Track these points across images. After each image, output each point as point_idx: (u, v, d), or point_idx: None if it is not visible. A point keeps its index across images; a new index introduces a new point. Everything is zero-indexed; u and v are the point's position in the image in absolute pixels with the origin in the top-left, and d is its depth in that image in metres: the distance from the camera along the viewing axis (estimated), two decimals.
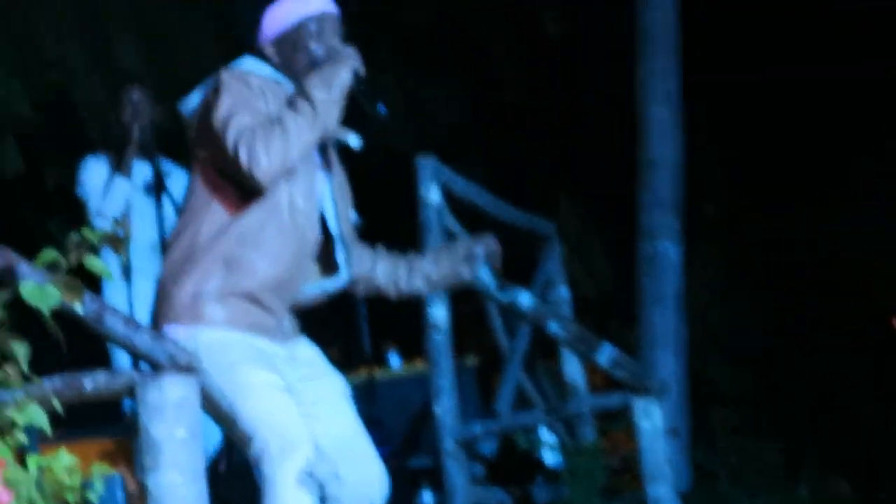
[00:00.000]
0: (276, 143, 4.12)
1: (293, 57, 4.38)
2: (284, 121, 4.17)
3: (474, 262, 4.46)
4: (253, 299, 4.18)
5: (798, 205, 9.64)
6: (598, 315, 6.71)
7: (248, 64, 4.37)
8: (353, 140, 4.35)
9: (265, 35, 4.43)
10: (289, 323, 4.32)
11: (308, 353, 4.33)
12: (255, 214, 4.19)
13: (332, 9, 4.42)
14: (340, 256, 4.37)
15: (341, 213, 4.41)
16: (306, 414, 4.08)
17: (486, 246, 4.44)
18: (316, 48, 4.35)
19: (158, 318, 4.21)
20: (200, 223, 4.22)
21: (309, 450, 3.98)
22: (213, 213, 4.22)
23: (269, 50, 4.40)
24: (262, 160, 4.07)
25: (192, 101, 4.40)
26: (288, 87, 4.32)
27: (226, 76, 4.25)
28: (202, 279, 4.14)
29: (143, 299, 6.26)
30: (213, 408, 4.12)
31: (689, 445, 7.17)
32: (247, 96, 4.23)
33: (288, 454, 3.99)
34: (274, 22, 4.43)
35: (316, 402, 4.18)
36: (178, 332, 4.10)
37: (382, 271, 4.50)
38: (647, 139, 7.87)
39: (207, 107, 4.25)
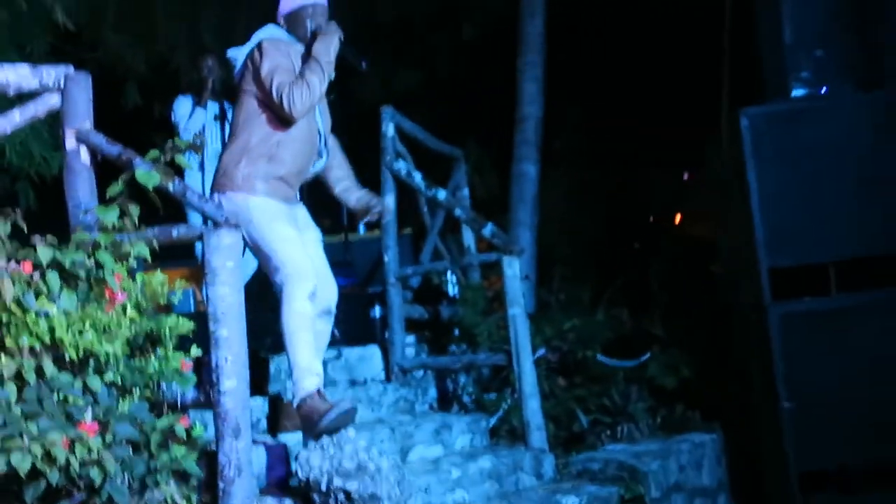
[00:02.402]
0: (304, 93, 4.25)
1: (297, 28, 4.44)
2: (307, 77, 4.29)
3: (369, 207, 4.67)
4: (283, 180, 4.34)
5: (611, 145, 9.68)
6: (485, 208, 6.70)
7: (274, 32, 4.46)
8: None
9: (280, 11, 4.52)
10: (297, 195, 4.48)
11: (304, 213, 4.51)
12: (287, 130, 4.30)
13: (323, 1, 4.50)
14: (323, 151, 4.52)
15: (327, 129, 4.58)
16: None
17: (372, 204, 4.66)
18: (310, 24, 4.42)
19: (220, 187, 4.30)
20: (252, 132, 4.30)
21: (314, 280, 4.12)
22: (260, 126, 4.30)
23: (282, 22, 4.48)
24: (297, 105, 4.23)
25: (240, 56, 4.45)
26: (298, 47, 4.40)
27: (266, 43, 4.35)
28: (253, 166, 4.26)
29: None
30: (256, 247, 4.23)
31: (536, 286, 7.24)
32: (280, 58, 4.33)
33: (303, 280, 4.11)
34: (287, 4, 4.50)
35: (306, 242, 4.30)
36: (234, 197, 4.22)
37: (337, 177, 4.66)
38: (521, 104, 7.85)
39: (255, 62, 4.35)
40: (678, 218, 10.17)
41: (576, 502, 4.64)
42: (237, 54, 4.47)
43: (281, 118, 4.29)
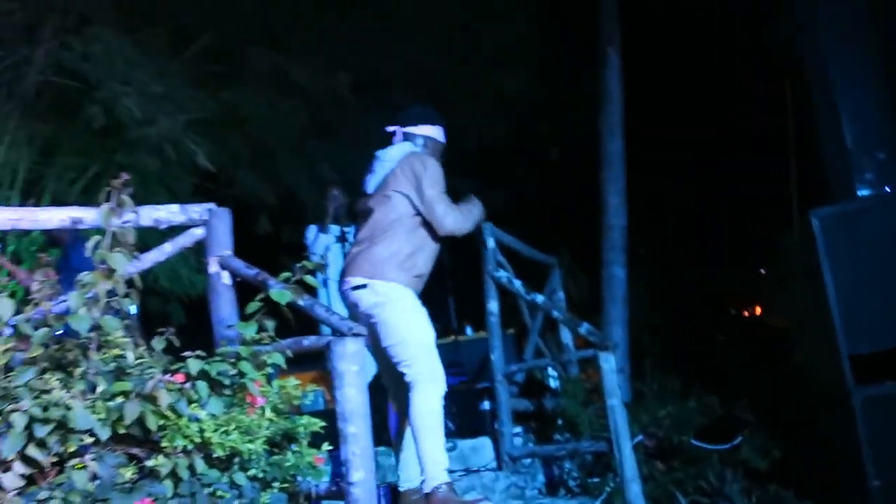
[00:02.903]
0: (462, 222, 4.34)
1: (433, 154, 4.46)
2: (466, 211, 4.37)
3: None
4: (420, 278, 4.34)
5: (688, 250, 9.59)
6: (579, 308, 6.66)
7: (414, 148, 4.48)
8: None
9: (425, 133, 4.55)
10: None
11: None
12: (428, 238, 4.36)
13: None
14: None
15: None
16: None
17: None
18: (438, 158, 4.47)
19: (368, 274, 4.29)
20: (402, 231, 4.32)
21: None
22: (410, 227, 4.33)
23: (426, 142, 4.53)
24: (452, 227, 4.31)
25: (388, 159, 4.47)
26: None
27: (430, 161, 4.38)
28: (403, 261, 4.26)
29: (335, 297, 6.36)
30: (398, 332, 4.22)
31: (630, 377, 7.10)
32: (441, 178, 4.36)
33: (441, 384, 4.16)
34: (432, 131, 4.52)
35: None
36: (386, 284, 4.26)
37: None
38: (606, 215, 7.83)
39: (416, 172, 4.34)
40: (758, 310, 9.95)
41: None
42: (386, 157, 4.47)
43: (425, 223, 4.34)
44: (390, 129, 4.54)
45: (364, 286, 4.26)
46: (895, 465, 5.37)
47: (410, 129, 4.52)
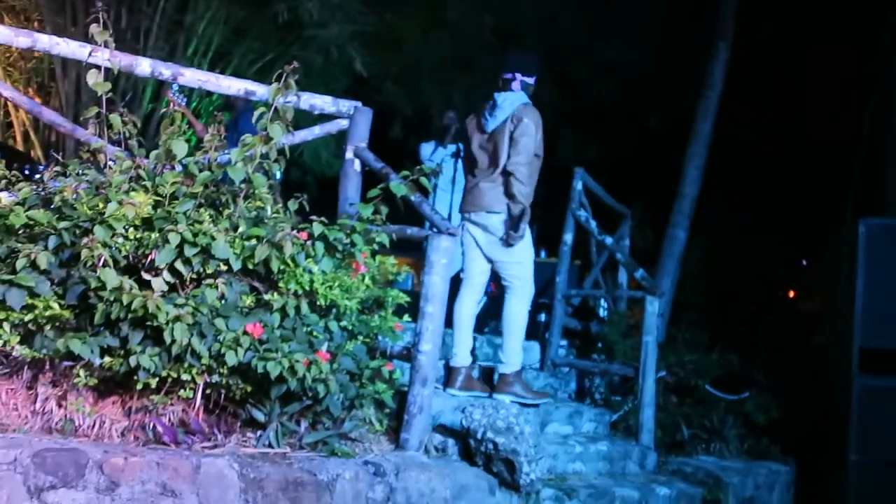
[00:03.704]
0: (522, 197, 4.29)
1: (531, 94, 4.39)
2: (524, 192, 4.27)
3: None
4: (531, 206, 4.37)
5: (745, 229, 9.33)
6: (640, 257, 6.53)
7: (526, 99, 4.39)
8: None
9: (528, 79, 4.42)
10: None
11: None
12: (536, 175, 4.41)
13: None
14: None
15: None
16: None
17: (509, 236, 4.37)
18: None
19: (494, 203, 4.36)
20: None
21: None
22: None
23: (528, 85, 4.42)
24: (516, 191, 4.27)
25: (507, 104, 4.38)
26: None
27: (536, 121, 4.30)
28: None
29: (441, 201, 6.40)
30: (514, 256, 4.36)
31: (668, 323, 7.02)
32: (535, 144, 4.29)
33: (531, 294, 4.41)
34: (534, 80, 4.42)
35: None
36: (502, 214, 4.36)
37: None
38: (683, 183, 7.65)
39: (518, 121, 4.30)
40: (791, 293, 9.67)
41: (667, 493, 4.47)
42: (505, 103, 4.39)
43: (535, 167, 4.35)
44: (512, 75, 4.45)
45: (496, 212, 4.36)
46: (874, 447, 5.27)
47: (527, 79, 4.45)
